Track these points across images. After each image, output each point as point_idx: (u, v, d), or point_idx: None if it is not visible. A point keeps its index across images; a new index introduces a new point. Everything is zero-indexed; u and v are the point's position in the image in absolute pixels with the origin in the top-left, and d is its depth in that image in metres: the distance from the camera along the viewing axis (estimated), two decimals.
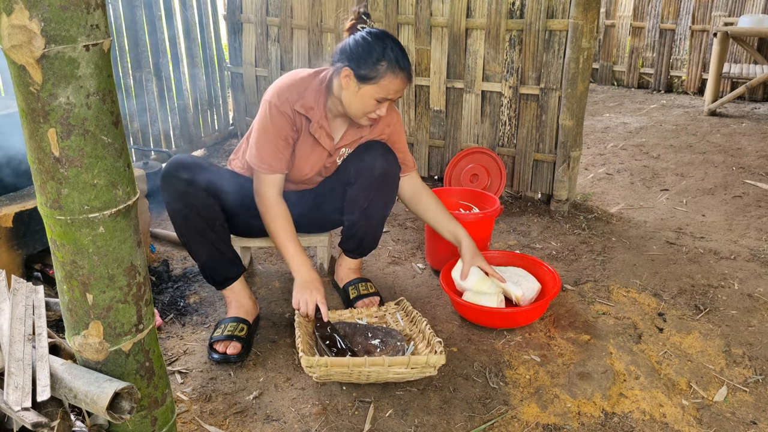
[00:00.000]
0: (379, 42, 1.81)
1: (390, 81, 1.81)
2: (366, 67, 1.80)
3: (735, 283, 2.37)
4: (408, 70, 1.84)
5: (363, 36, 1.84)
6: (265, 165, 1.90)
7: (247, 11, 3.75)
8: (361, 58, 1.81)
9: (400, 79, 1.83)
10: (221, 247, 1.96)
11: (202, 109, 3.88)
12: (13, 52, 0.87)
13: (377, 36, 1.83)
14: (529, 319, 2.07)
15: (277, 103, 1.88)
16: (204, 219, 1.89)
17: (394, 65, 1.80)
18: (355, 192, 2.02)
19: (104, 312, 1.03)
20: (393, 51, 1.80)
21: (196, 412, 1.69)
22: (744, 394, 1.78)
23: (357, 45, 1.82)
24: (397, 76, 1.81)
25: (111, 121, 0.96)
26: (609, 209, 3.15)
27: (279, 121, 1.89)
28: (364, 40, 1.82)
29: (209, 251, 1.94)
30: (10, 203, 2.00)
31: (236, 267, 2.02)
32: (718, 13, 5.60)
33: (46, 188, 0.96)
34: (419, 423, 1.65)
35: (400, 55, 1.82)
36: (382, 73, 1.80)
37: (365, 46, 1.81)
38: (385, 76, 1.80)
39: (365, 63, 1.80)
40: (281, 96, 1.89)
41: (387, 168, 2.00)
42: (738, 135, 4.49)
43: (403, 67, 1.82)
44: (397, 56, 1.81)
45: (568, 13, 2.80)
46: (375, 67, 1.80)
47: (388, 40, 1.82)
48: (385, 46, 1.80)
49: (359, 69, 1.81)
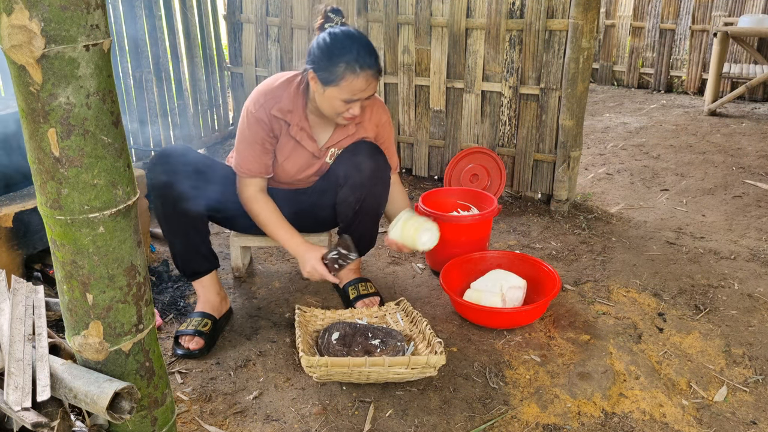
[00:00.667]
0: (338, 42, 1.79)
1: (350, 82, 1.79)
2: (326, 70, 1.80)
3: (735, 283, 2.37)
4: (372, 68, 1.80)
5: (324, 37, 1.82)
6: (244, 169, 1.97)
7: (247, 11, 3.75)
8: (321, 61, 1.80)
9: (361, 79, 1.80)
10: (196, 241, 1.99)
11: (202, 109, 3.88)
12: (13, 52, 0.87)
13: (336, 36, 1.81)
14: (529, 319, 2.07)
15: (253, 110, 1.92)
16: (182, 212, 1.92)
17: (353, 65, 1.77)
18: (346, 194, 2.02)
19: (104, 312, 1.03)
20: (351, 51, 1.77)
21: (196, 412, 1.69)
22: (744, 394, 1.78)
23: (318, 47, 1.82)
24: (357, 77, 1.79)
25: (111, 121, 0.96)
26: (609, 209, 3.15)
27: (255, 128, 1.93)
28: (324, 42, 1.81)
29: (183, 244, 1.98)
30: (10, 203, 2.00)
31: (208, 263, 2.04)
32: (718, 13, 5.60)
33: (46, 188, 0.96)
34: (419, 423, 1.65)
35: (361, 53, 1.78)
36: (341, 75, 1.78)
37: (324, 48, 1.80)
38: (345, 77, 1.78)
39: (325, 65, 1.79)
40: (257, 102, 1.92)
41: (376, 169, 2.00)
42: (738, 135, 4.49)
43: (364, 66, 1.78)
44: (355, 56, 1.77)
45: (568, 13, 2.80)
46: (334, 70, 1.78)
47: (347, 40, 1.79)
48: (343, 47, 1.78)
49: (320, 72, 1.81)
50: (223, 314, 2.08)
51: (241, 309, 2.20)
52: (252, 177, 1.98)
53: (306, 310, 2.05)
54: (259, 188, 2.00)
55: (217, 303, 2.07)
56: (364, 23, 3.29)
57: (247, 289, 2.35)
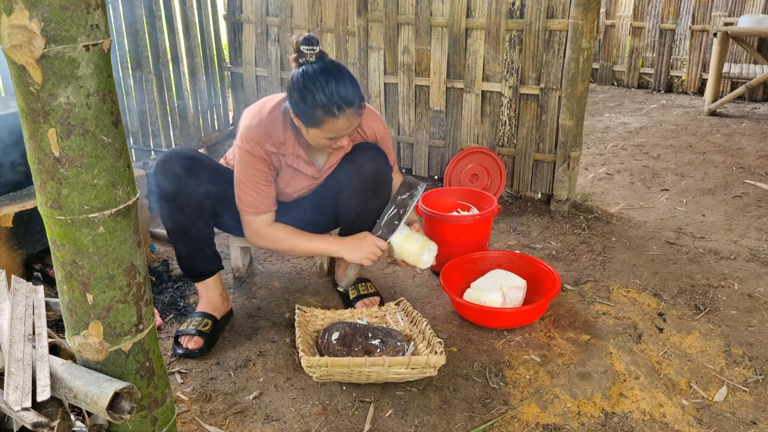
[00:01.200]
0: (311, 85, 1.72)
1: (331, 124, 1.76)
2: (304, 115, 1.76)
3: (735, 283, 2.37)
4: (351, 106, 1.74)
5: (297, 78, 1.76)
6: (251, 209, 1.92)
7: (247, 11, 3.75)
8: (298, 104, 1.76)
9: (342, 120, 1.75)
10: (202, 244, 1.99)
11: (202, 109, 3.88)
12: (13, 52, 0.87)
13: (309, 78, 1.73)
14: (529, 319, 2.07)
15: (249, 149, 1.87)
16: (189, 215, 1.91)
17: (331, 109, 1.72)
18: (348, 196, 2.02)
19: (104, 312, 1.03)
20: (326, 94, 1.71)
21: (196, 412, 1.69)
22: (744, 394, 1.78)
23: (293, 88, 1.76)
24: (337, 118, 1.74)
25: (111, 121, 0.96)
26: (609, 209, 3.15)
27: (255, 165, 1.88)
28: (298, 84, 1.75)
29: (189, 246, 1.97)
30: (10, 203, 2.00)
31: (213, 265, 2.04)
32: (718, 13, 5.60)
33: (46, 188, 0.96)
34: (419, 423, 1.65)
35: (337, 94, 1.72)
36: (320, 119, 1.75)
37: (300, 92, 1.74)
38: (325, 121, 1.75)
39: (302, 109, 1.76)
40: (251, 141, 1.86)
41: (377, 170, 1.99)
42: (738, 135, 4.49)
43: (342, 107, 1.73)
44: (332, 98, 1.71)
45: (568, 13, 2.80)
46: (312, 114, 1.75)
47: (321, 80, 1.72)
48: (317, 90, 1.71)
49: (299, 115, 1.78)
50: (224, 315, 2.08)
51: (241, 309, 2.20)
52: (259, 215, 1.93)
53: (306, 310, 2.05)
54: (267, 224, 1.95)
55: (219, 304, 2.07)
56: (364, 23, 3.29)
57: (247, 289, 2.35)
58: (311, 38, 1.78)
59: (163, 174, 1.88)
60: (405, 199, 1.97)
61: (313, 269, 2.50)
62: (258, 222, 1.95)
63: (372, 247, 1.95)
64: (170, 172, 1.87)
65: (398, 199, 1.98)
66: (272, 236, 1.96)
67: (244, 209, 1.93)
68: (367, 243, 1.95)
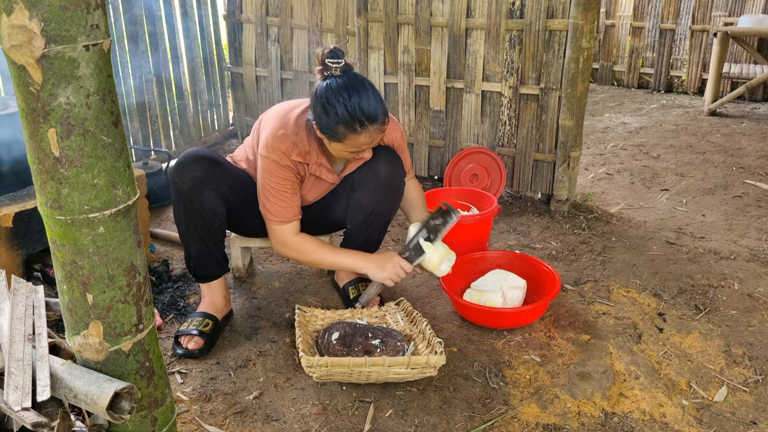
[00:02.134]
0: (334, 101, 1.72)
1: (354, 139, 1.76)
2: (327, 130, 1.76)
3: (735, 283, 2.37)
4: (374, 122, 1.74)
5: (321, 92, 1.75)
6: (277, 218, 1.92)
7: (247, 11, 3.75)
8: (322, 119, 1.76)
9: (364, 136, 1.75)
10: (213, 246, 1.99)
11: (202, 109, 3.88)
12: (13, 52, 0.87)
13: (332, 92, 1.73)
14: (529, 319, 2.07)
15: (276, 159, 1.85)
16: (204, 218, 1.91)
17: (353, 125, 1.72)
18: (360, 197, 2.02)
19: (104, 312, 1.03)
20: (349, 109, 1.71)
21: (196, 412, 1.69)
22: (744, 394, 1.78)
23: (317, 102, 1.76)
24: (359, 134, 1.74)
25: (111, 121, 0.96)
26: (609, 209, 3.15)
27: (282, 175, 1.87)
28: (322, 98, 1.75)
29: (200, 248, 1.97)
30: (10, 203, 2.00)
31: (221, 268, 2.05)
32: (718, 13, 5.60)
33: (46, 188, 0.96)
34: (419, 423, 1.65)
35: (360, 111, 1.71)
36: (342, 134, 1.75)
37: (323, 106, 1.74)
38: (347, 136, 1.75)
39: (325, 123, 1.76)
40: (277, 151, 1.85)
41: (392, 174, 1.99)
42: (738, 135, 4.49)
43: (364, 124, 1.73)
44: (355, 115, 1.71)
45: (568, 13, 2.80)
46: (335, 130, 1.75)
47: (344, 96, 1.71)
48: (340, 106, 1.71)
49: (322, 129, 1.78)
50: (225, 315, 2.08)
51: (241, 309, 2.20)
52: (286, 224, 1.93)
53: (306, 310, 2.05)
54: (294, 233, 1.95)
55: (222, 305, 2.07)
56: (364, 23, 3.29)
57: (247, 289, 2.35)
58: (337, 51, 1.77)
59: (179, 175, 1.87)
60: (438, 225, 1.95)
61: (313, 269, 2.50)
62: (284, 231, 1.94)
63: (397, 268, 1.94)
64: (187, 174, 1.86)
65: (431, 223, 1.96)
66: (300, 247, 1.96)
67: (271, 218, 1.92)
68: (392, 264, 1.94)
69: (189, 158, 1.88)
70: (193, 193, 1.87)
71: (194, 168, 1.86)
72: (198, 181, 1.86)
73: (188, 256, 2.01)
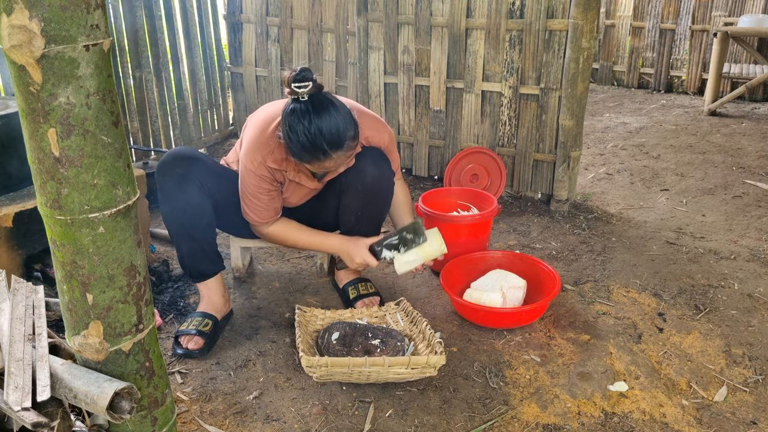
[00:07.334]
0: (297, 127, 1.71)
1: (318, 164, 1.79)
2: (293, 154, 1.78)
3: (735, 283, 2.37)
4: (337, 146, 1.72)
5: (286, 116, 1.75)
6: (258, 219, 1.99)
7: (247, 11, 3.75)
8: (287, 143, 1.77)
9: (328, 161, 1.76)
10: (204, 244, 2.00)
11: (202, 109, 3.88)
12: (13, 52, 0.87)
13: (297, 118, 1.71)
14: (529, 319, 2.07)
15: (252, 168, 1.88)
16: (191, 216, 1.92)
17: (316, 153, 1.73)
18: (348, 201, 2.03)
19: (104, 312, 1.03)
20: (309, 137, 1.69)
21: (196, 412, 1.69)
22: (744, 394, 1.78)
23: (284, 124, 1.76)
24: (322, 160, 1.75)
25: (111, 121, 0.96)
26: (609, 209, 3.15)
27: (258, 183, 1.91)
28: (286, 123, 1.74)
29: (191, 246, 1.98)
30: (10, 203, 2.00)
31: (214, 265, 2.05)
32: (718, 13, 5.60)
33: (46, 188, 0.96)
34: (419, 423, 1.65)
35: (320, 137, 1.69)
36: (307, 159, 1.77)
37: (287, 132, 1.74)
38: (311, 161, 1.78)
39: (290, 149, 1.77)
40: (254, 159, 1.87)
41: (379, 175, 1.99)
42: (738, 135, 4.49)
43: (326, 151, 1.71)
44: (314, 142, 1.70)
45: (568, 13, 2.80)
46: (300, 155, 1.76)
47: (304, 123, 1.70)
48: (299, 134, 1.71)
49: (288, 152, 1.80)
50: (225, 315, 2.08)
51: (241, 309, 2.20)
52: (264, 222, 2.00)
53: (306, 310, 2.05)
54: (271, 225, 2.03)
55: (221, 304, 2.07)
56: (364, 23, 3.29)
57: (247, 289, 2.35)
58: (303, 75, 1.71)
59: (163, 174, 1.89)
60: (409, 240, 1.99)
61: (313, 269, 2.50)
62: (262, 228, 2.03)
63: (361, 261, 2.00)
64: (171, 173, 1.88)
65: (404, 235, 1.98)
66: (276, 236, 2.05)
67: (252, 220, 2.00)
68: (359, 257, 2.00)
69: (171, 157, 1.91)
70: (177, 191, 1.89)
71: (176, 166, 1.89)
72: (180, 178, 1.88)
73: (181, 256, 2.02)
